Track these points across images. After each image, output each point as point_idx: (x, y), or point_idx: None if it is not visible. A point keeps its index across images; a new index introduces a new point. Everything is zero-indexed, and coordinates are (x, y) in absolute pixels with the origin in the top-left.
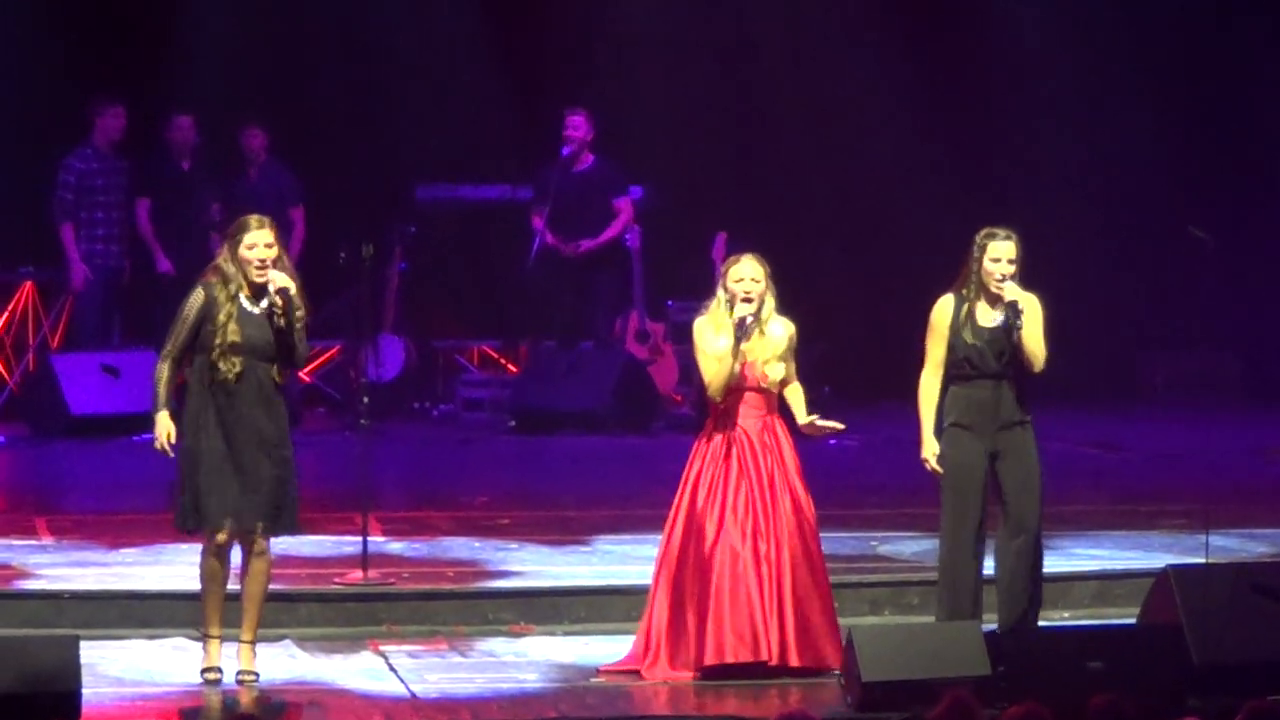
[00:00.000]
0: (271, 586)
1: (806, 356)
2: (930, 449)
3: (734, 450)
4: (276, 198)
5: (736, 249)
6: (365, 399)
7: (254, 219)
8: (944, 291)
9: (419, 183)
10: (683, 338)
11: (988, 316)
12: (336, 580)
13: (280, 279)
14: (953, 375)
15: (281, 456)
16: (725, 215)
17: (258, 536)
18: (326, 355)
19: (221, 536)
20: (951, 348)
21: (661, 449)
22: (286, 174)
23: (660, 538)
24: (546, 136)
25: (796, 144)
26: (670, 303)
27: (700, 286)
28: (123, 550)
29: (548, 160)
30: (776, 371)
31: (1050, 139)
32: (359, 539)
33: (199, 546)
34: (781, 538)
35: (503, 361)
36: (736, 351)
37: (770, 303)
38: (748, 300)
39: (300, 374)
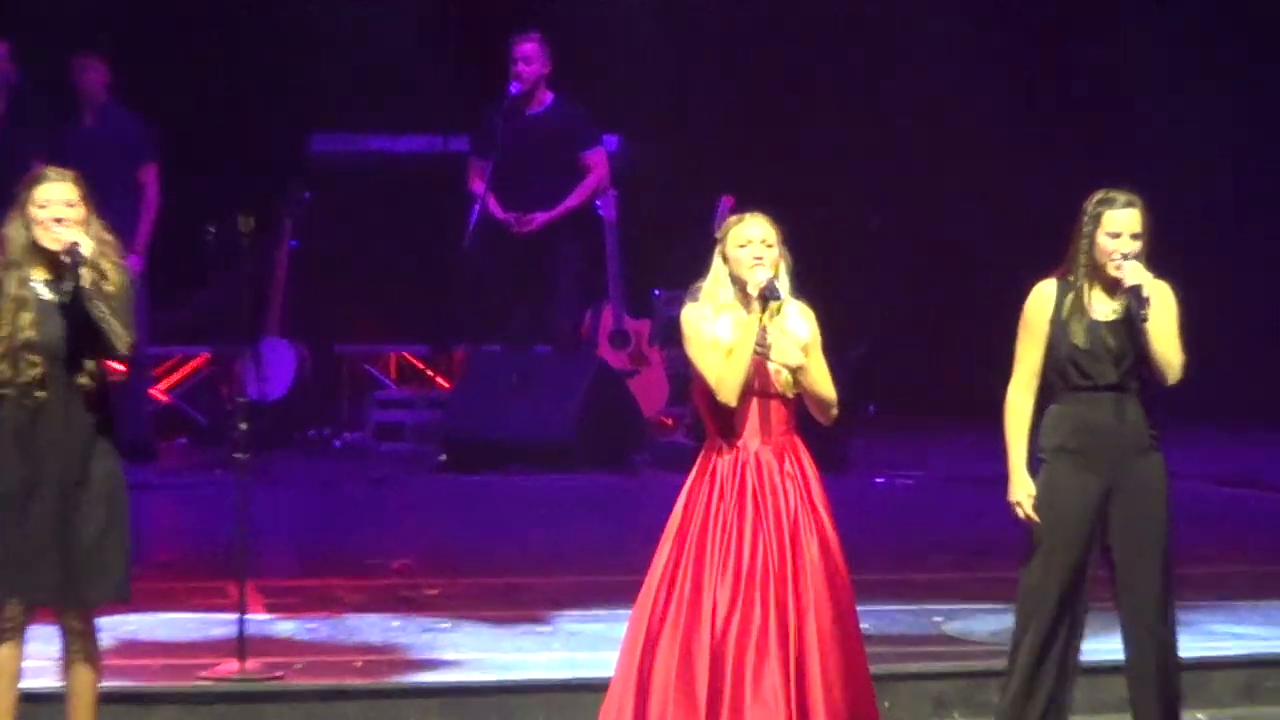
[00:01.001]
0: (114, 683)
1: (841, 363)
2: (1022, 488)
3: (747, 486)
4: (119, 152)
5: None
6: (243, 425)
7: (52, 170)
8: (1040, 277)
9: (314, 132)
10: (676, 339)
11: (1103, 309)
12: (204, 674)
13: (68, 234)
14: (1055, 387)
15: (102, 497)
16: (731, 175)
17: (73, 615)
18: (190, 367)
19: (12, 613)
20: (1052, 350)
21: (645, 492)
22: (133, 121)
23: (633, 612)
24: (489, 70)
25: (829, 80)
26: (657, 292)
27: (699, 271)
28: None
29: (491, 101)
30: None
31: (1184, 85)
32: (234, 617)
33: None
34: (807, 605)
35: (430, 374)
36: (757, 327)
37: (786, 279)
38: (759, 265)
39: (155, 391)
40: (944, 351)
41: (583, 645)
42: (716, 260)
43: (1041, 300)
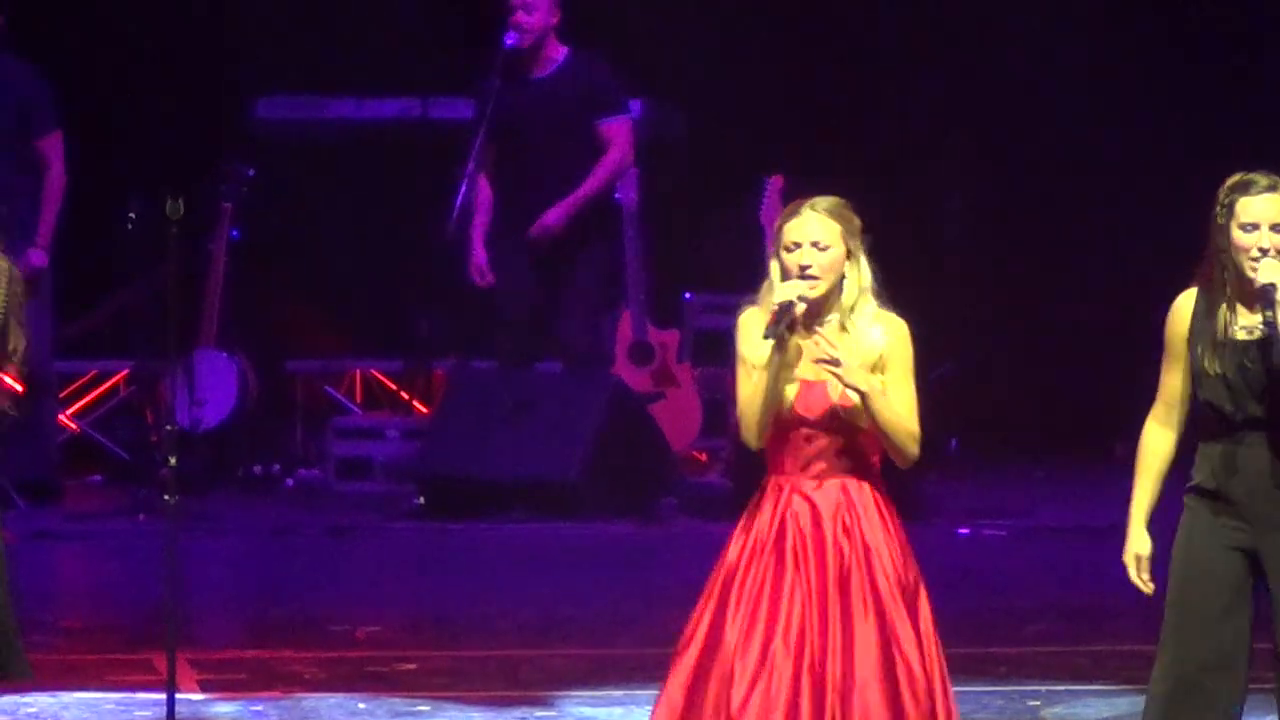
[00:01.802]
0: None
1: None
2: (1134, 545)
3: (786, 539)
4: (11, 116)
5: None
6: (172, 459)
7: None
8: (1180, 284)
9: (260, 94)
10: (712, 354)
11: (1246, 325)
12: None
13: None
14: (1203, 419)
15: None
16: (783, 151)
17: None
18: (105, 387)
19: None
20: (1195, 376)
21: (672, 545)
22: (31, 79)
23: (664, 686)
24: (482, 17)
25: (901, 34)
26: (689, 295)
27: (740, 268)
28: None
29: (483, 57)
30: (867, 357)
31: None
32: (161, 696)
33: None
34: (851, 689)
35: (404, 396)
36: (775, 362)
37: (858, 282)
38: (808, 276)
39: (62, 417)
40: (1045, 374)
41: None
42: (773, 260)
43: (1179, 315)
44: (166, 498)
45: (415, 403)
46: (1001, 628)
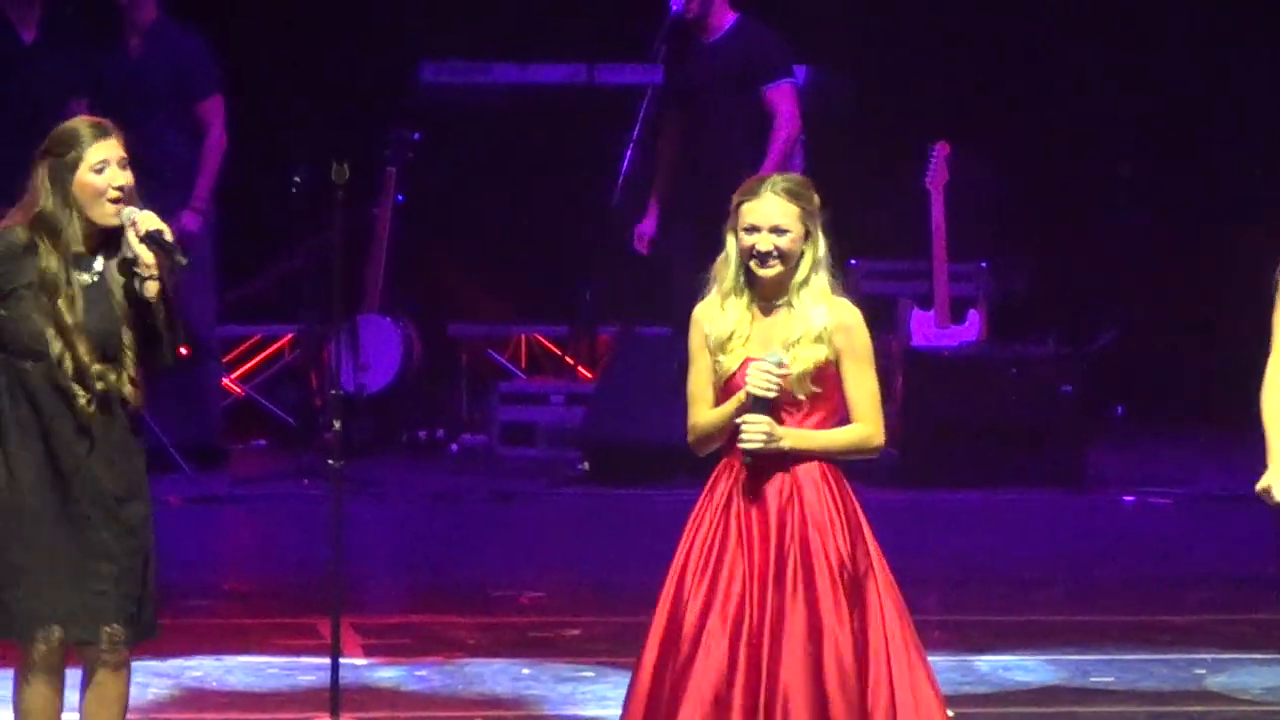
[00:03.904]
0: None
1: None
2: (1277, 473)
3: (731, 518)
4: (174, 82)
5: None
6: (337, 424)
7: (87, 124)
8: None
9: (426, 59)
10: (876, 321)
11: None
12: None
13: (148, 218)
14: None
15: (132, 519)
16: (947, 116)
17: (108, 648)
18: (270, 351)
19: (45, 649)
20: None
21: None
22: (193, 45)
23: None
24: None
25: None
26: (854, 262)
27: (906, 235)
28: None
29: (650, 22)
30: (806, 363)
31: None
32: (326, 661)
33: (7, 669)
34: (778, 673)
35: (570, 362)
36: (730, 414)
37: (811, 261)
38: (764, 263)
39: (227, 382)
40: (1209, 341)
41: None
42: (729, 241)
43: None
44: (331, 462)
45: (580, 368)
46: (1166, 596)
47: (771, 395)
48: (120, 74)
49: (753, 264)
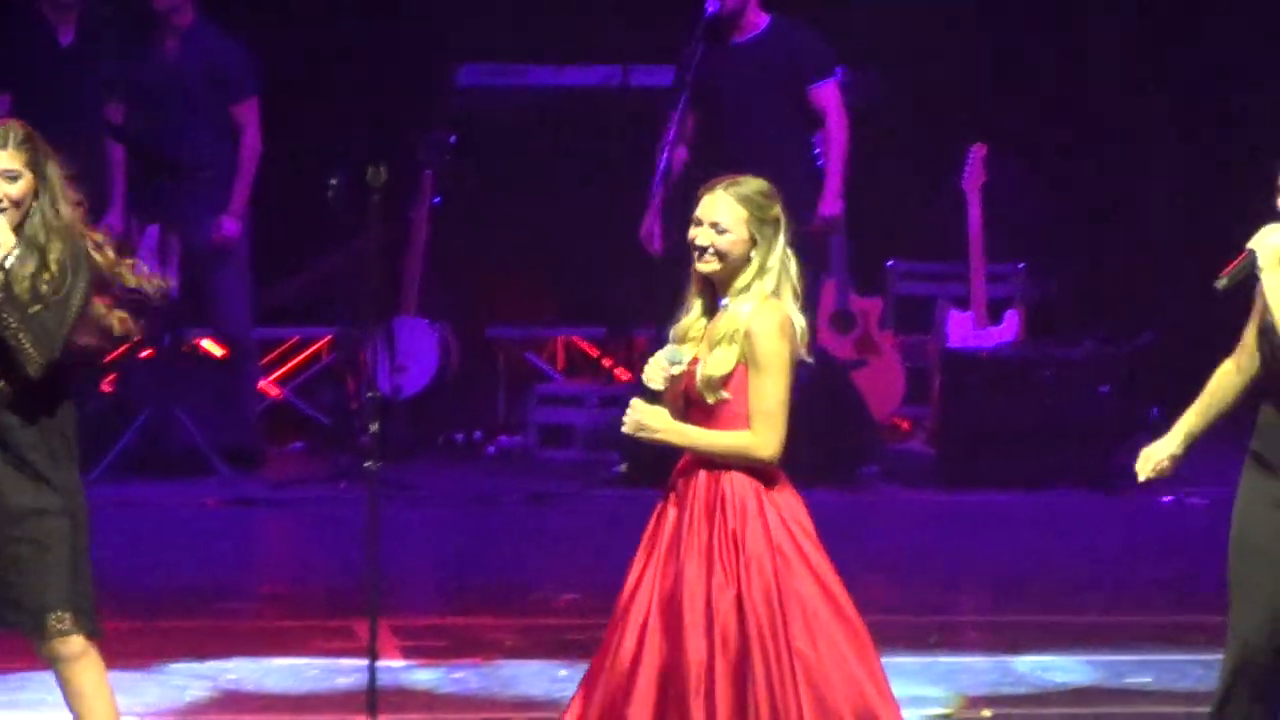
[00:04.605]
0: None
1: (1114, 356)
2: (1159, 446)
3: (666, 515)
4: (210, 85)
5: (1003, 171)
6: (374, 426)
7: None
8: None
9: (462, 61)
10: (914, 321)
11: None
12: None
13: None
14: (1266, 380)
15: (40, 530)
16: (987, 117)
17: (55, 634)
18: (307, 354)
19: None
20: (1264, 332)
21: (876, 512)
22: (230, 47)
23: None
24: None
25: (1112, 4)
26: (891, 263)
27: (943, 236)
28: None
29: (685, 24)
30: (717, 368)
31: None
32: (363, 663)
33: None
34: (688, 681)
35: (606, 364)
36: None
37: (755, 269)
38: (700, 257)
39: (264, 384)
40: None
41: None
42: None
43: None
44: (367, 464)
45: (617, 370)
46: (1203, 597)
47: (655, 387)
48: (158, 76)
49: (695, 256)
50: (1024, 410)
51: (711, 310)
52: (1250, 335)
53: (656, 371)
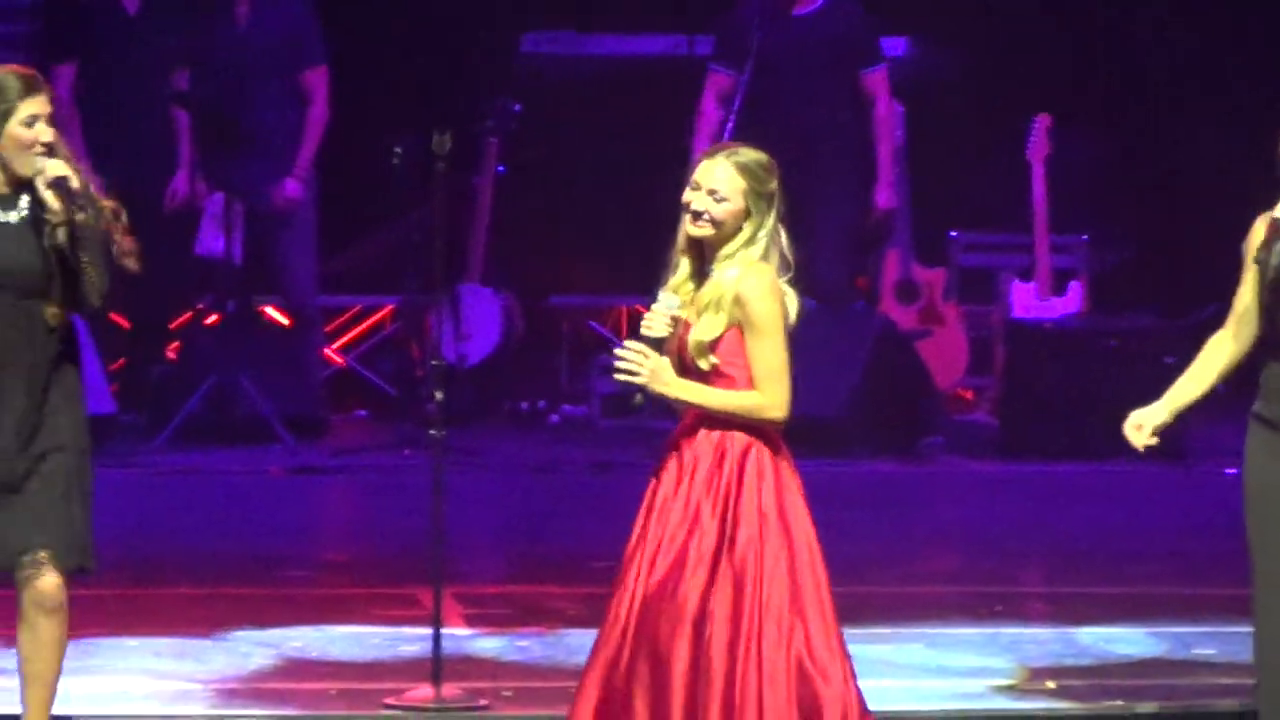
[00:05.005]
0: (277, 711)
1: (1181, 328)
2: (1149, 415)
3: (663, 478)
4: (278, 52)
5: (1067, 141)
6: (438, 394)
7: (17, 77)
8: None
9: (526, 29)
10: (977, 292)
11: None
12: (390, 701)
13: (55, 166)
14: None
15: (57, 463)
16: (1051, 88)
17: (38, 566)
18: (371, 322)
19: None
20: (1268, 292)
21: (938, 483)
22: (301, 14)
23: None
24: None
25: None
26: (954, 234)
27: (1006, 206)
28: None
29: None
30: (706, 333)
31: None
32: (427, 631)
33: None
34: (674, 655)
35: None
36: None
37: (744, 238)
38: (694, 220)
39: (328, 352)
40: None
41: (861, 670)
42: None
43: (1254, 233)
44: (432, 433)
45: None
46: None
47: (654, 334)
48: (227, 43)
49: (686, 219)
50: (1088, 381)
51: (699, 275)
52: (1242, 303)
53: (659, 319)
